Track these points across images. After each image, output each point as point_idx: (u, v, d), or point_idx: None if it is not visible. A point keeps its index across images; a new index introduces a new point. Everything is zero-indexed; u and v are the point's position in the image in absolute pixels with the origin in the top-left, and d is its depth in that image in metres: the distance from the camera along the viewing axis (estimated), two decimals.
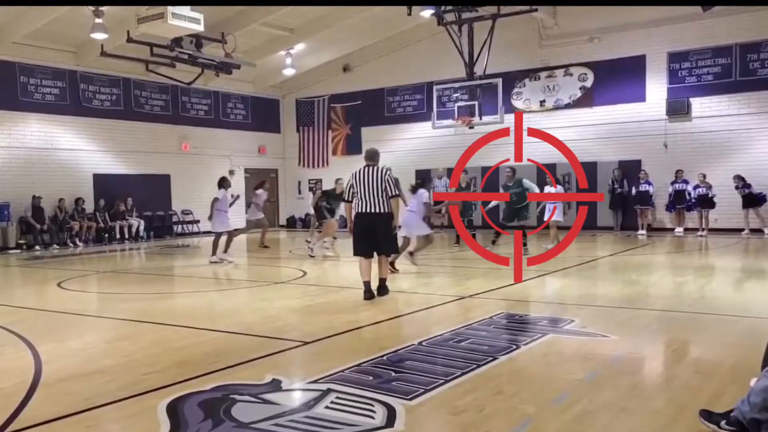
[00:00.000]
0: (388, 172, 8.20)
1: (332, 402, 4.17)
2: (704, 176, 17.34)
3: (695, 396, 4.20)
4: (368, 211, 8.06)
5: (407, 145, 22.63)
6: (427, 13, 17.24)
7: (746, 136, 17.68)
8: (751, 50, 17.50)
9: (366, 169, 8.11)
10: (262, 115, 24.81)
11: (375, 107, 23.32)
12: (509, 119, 19.39)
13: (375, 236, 8.11)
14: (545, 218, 14.96)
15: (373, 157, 8.26)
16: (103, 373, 5.02)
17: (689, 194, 17.72)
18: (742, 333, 6.07)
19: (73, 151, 19.07)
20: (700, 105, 18.26)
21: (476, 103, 17.99)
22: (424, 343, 5.66)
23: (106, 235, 19.08)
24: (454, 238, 15.92)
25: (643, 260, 11.33)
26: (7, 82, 17.63)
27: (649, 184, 18.15)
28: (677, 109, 18.30)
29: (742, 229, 16.99)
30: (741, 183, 16.87)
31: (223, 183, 14.03)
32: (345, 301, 8.25)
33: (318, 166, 24.94)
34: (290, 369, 5.22)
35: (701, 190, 17.37)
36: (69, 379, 4.85)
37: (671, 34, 18.36)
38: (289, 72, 21.62)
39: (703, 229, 17.33)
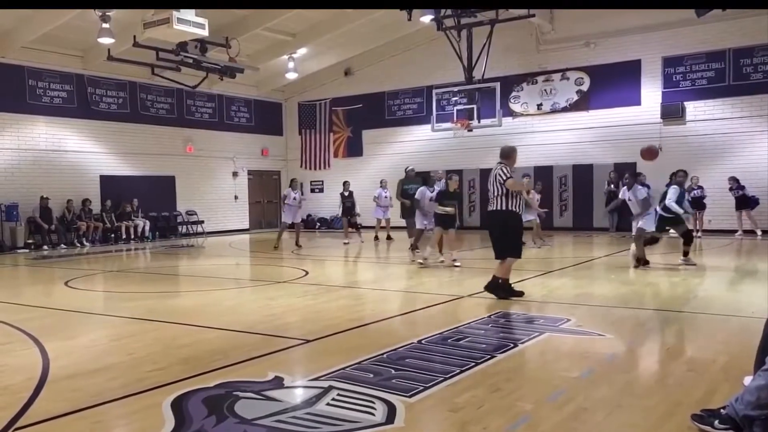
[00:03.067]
0: (499, 169, 7.93)
1: (333, 399, 4.22)
2: (697, 179, 17.44)
3: (688, 393, 4.28)
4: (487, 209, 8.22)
5: (407, 148, 22.78)
6: (427, 18, 17.40)
7: (739, 139, 17.91)
8: (745, 55, 17.74)
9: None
10: (265, 117, 25.01)
11: (376, 110, 23.52)
12: (507, 122, 19.56)
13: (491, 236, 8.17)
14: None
15: (503, 155, 8.08)
16: (109, 370, 5.09)
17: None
18: (734, 332, 6.14)
19: (80, 153, 19.35)
20: (694, 109, 18.50)
21: (475, 106, 18.20)
22: (423, 342, 5.73)
23: (113, 235, 19.32)
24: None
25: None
26: (16, 86, 17.91)
27: (647, 186, 18.19)
28: (672, 112, 18.53)
29: (736, 231, 17.09)
30: (735, 184, 17.00)
31: (427, 181, 13.74)
32: (346, 300, 8.34)
33: (320, 168, 25.11)
34: (292, 366, 5.30)
35: (696, 193, 17.42)
36: (75, 376, 4.91)
37: (666, 39, 18.61)
38: (291, 76, 21.82)
39: (698, 231, 17.39)
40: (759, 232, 16.79)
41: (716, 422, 3.52)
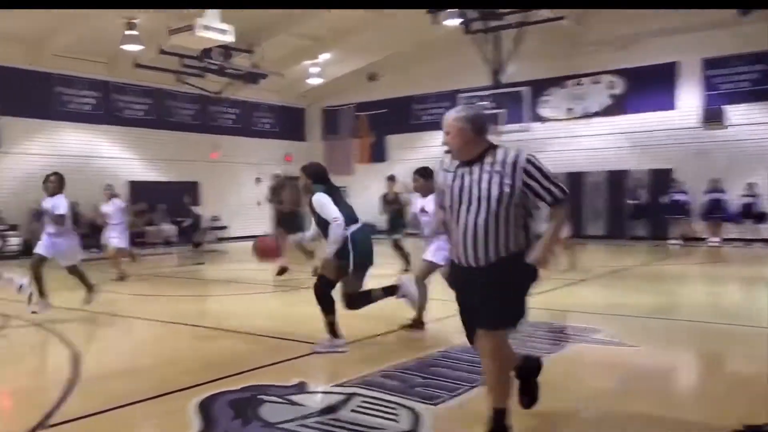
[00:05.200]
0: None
1: (357, 405, 4.22)
2: (750, 185, 16.94)
3: (731, 409, 4.13)
4: None
5: (433, 153, 22.60)
6: (454, 22, 17.11)
7: None
8: None
9: None
10: (288, 123, 25.03)
11: (400, 115, 23.32)
12: (536, 127, 19.27)
13: None
14: None
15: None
16: (138, 372, 5.24)
17: (725, 204, 17.39)
18: None
19: (108, 159, 19.43)
20: (735, 113, 17.80)
21: (502, 111, 17.92)
22: (450, 350, 5.67)
23: (140, 240, 19.38)
24: None
25: (675, 270, 11.05)
26: (44, 93, 18.06)
27: (684, 193, 17.83)
28: (712, 116, 17.86)
29: None
30: None
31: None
32: (374, 307, 8.26)
33: (343, 173, 25.02)
34: (317, 372, 5.32)
35: (748, 200, 16.94)
36: (105, 378, 5.04)
37: (705, 40, 17.80)
38: (315, 81, 21.80)
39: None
40: None
41: None
